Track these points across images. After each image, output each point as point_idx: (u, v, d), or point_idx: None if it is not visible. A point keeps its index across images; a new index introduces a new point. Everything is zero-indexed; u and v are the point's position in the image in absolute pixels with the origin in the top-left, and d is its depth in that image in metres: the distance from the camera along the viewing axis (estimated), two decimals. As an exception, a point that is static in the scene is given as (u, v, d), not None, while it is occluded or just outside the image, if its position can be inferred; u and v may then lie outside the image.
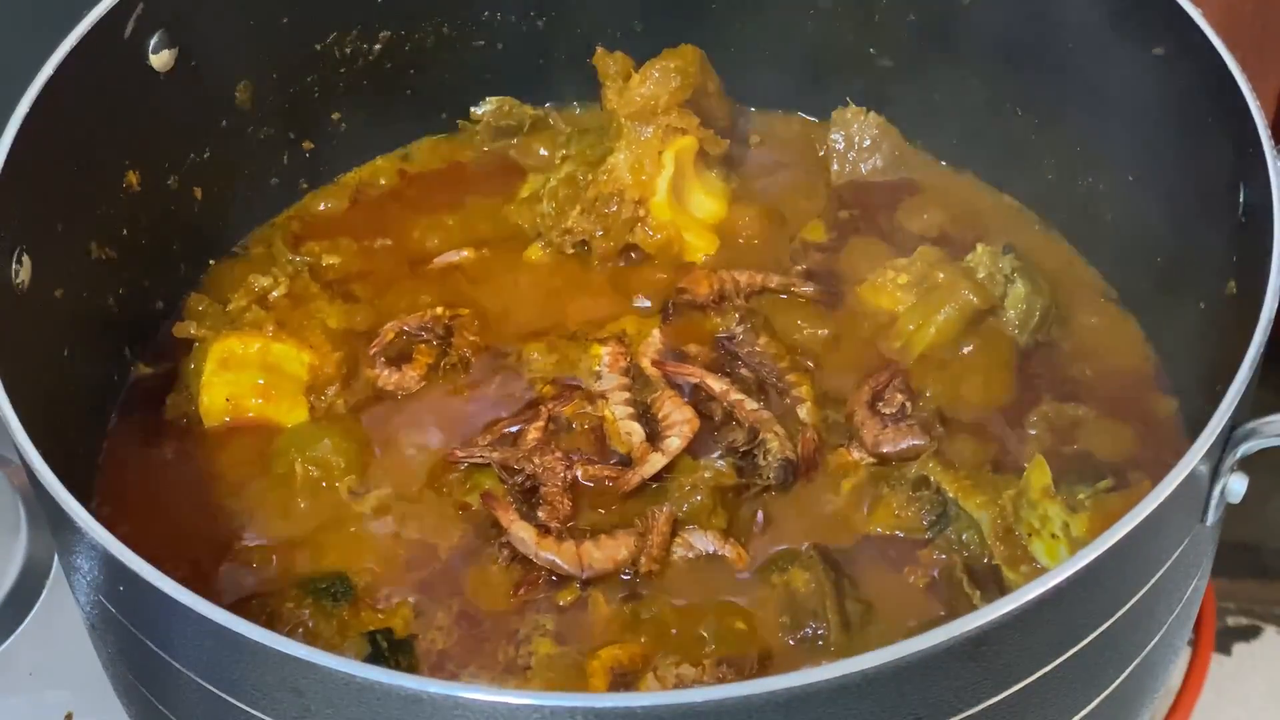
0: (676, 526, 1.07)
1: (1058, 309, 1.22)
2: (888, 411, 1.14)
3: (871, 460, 1.12)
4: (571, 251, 1.28)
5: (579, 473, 1.11)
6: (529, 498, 1.10)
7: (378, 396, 1.19)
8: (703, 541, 1.07)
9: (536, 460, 1.11)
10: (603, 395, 1.15)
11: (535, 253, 1.28)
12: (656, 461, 1.10)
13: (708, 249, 1.28)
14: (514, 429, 1.15)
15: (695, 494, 1.09)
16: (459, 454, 1.13)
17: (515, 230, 1.30)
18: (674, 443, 1.11)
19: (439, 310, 1.23)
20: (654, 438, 1.12)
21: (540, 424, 1.14)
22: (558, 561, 1.06)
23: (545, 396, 1.17)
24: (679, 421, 1.12)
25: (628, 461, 1.12)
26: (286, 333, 1.20)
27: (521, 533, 1.07)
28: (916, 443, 1.12)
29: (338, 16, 1.29)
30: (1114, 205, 1.22)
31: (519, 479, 1.11)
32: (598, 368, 1.17)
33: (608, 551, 1.07)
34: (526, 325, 1.23)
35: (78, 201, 1.12)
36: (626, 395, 1.15)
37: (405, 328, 1.21)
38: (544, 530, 1.07)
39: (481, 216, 1.32)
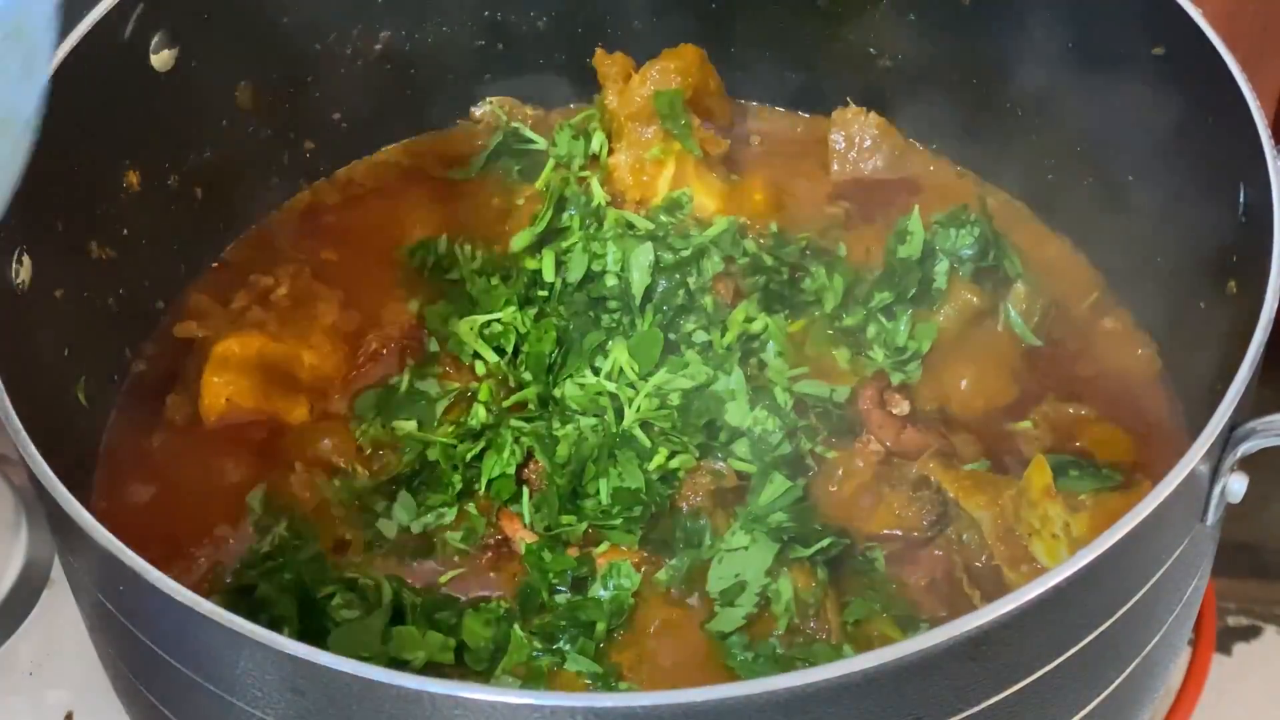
0: None
1: (1058, 309, 1.22)
2: (896, 411, 1.14)
3: (878, 459, 1.12)
4: (572, 252, 1.28)
5: None
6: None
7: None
8: None
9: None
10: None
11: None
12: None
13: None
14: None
15: (695, 495, 1.09)
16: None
17: (516, 230, 1.30)
18: None
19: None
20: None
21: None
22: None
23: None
24: None
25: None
26: (287, 332, 1.20)
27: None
28: (922, 440, 1.12)
29: (338, 16, 1.29)
30: (1114, 205, 1.21)
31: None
32: None
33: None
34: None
35: (78, 201, 1.12)
36: None
37: (390, 342, 1.21)
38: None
39: (482, 217, 1.32)
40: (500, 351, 1.17)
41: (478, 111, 1.38)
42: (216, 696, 0.85)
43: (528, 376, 1.15)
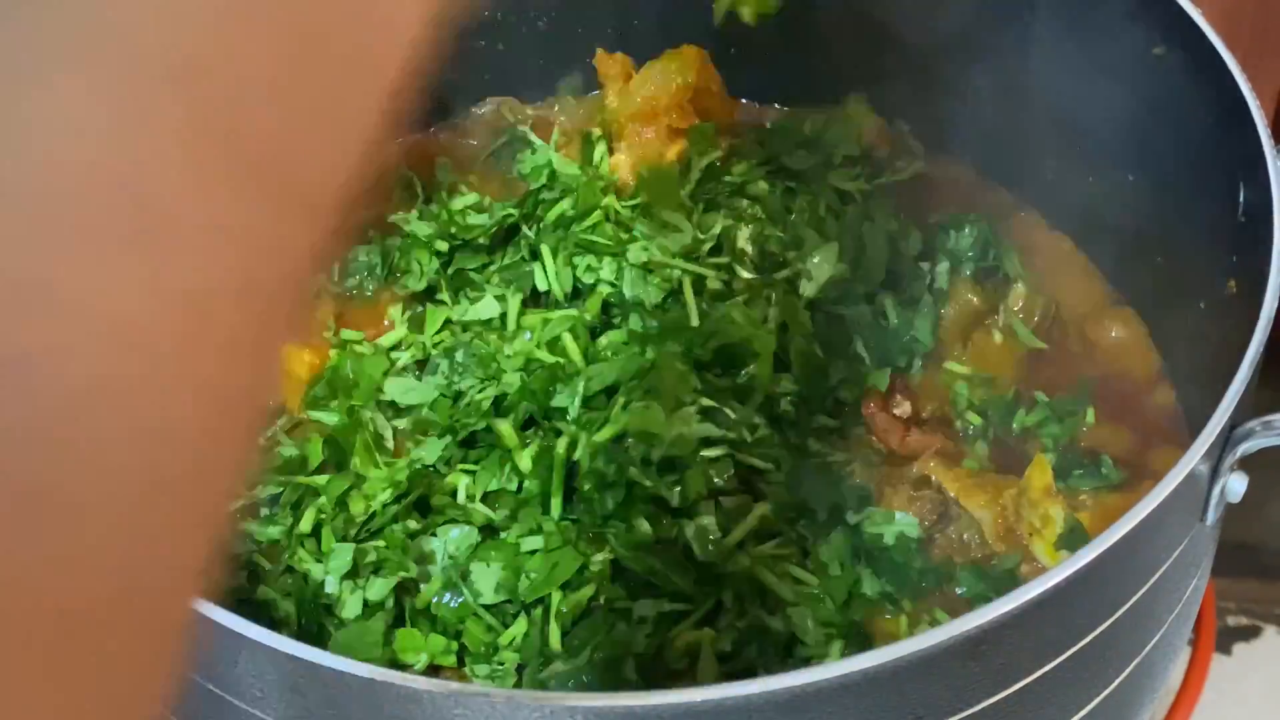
0: None
1: (1058, 309, 1.22)
2: (898, 412, 1.14)
3: (879, 459, 1.12)
4: (572, 252, 1.28)
5: None
6: None
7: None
8: None
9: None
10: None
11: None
12: None
13: (709, 248, 1.28)
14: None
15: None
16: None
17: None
18: None
19: None
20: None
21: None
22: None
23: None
24: None
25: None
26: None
27: None
28: (924, 441, 1.12)
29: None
30: (1114, 205, 1.21)
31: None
32: None
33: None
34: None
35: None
36: None
37: None
38: None
39: (482, 217, 1.32)
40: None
41: (478, 111, 1.38)
42: (217, 696, 0.85)
43: (530, 378, 1.15)
